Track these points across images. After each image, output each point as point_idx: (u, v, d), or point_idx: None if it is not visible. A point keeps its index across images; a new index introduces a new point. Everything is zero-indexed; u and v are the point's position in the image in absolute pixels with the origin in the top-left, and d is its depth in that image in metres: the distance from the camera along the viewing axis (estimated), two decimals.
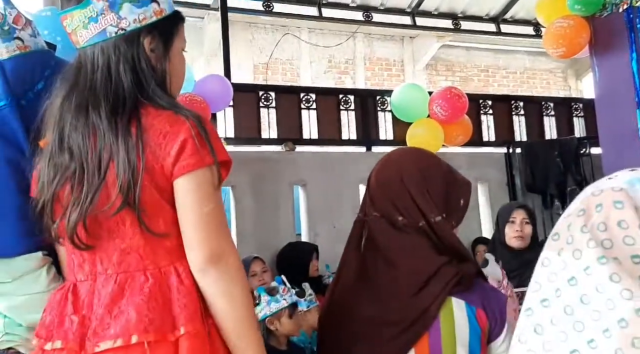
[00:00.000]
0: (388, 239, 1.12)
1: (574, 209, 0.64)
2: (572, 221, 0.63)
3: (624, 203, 0.60)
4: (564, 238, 0.63)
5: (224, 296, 0.94)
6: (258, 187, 3.68)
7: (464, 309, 1.04)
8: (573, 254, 0.61)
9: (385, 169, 1.20)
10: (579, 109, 4.96)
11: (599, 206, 0.61)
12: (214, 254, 0.94)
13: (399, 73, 7.45)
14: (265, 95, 3.98)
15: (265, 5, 5.13)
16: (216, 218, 0.96)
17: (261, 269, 3.05)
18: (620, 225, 0.59)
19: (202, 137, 0.95)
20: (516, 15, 6.20)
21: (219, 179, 0.97)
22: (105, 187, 0.95)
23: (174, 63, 1.07)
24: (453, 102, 4.05)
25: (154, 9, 1.01)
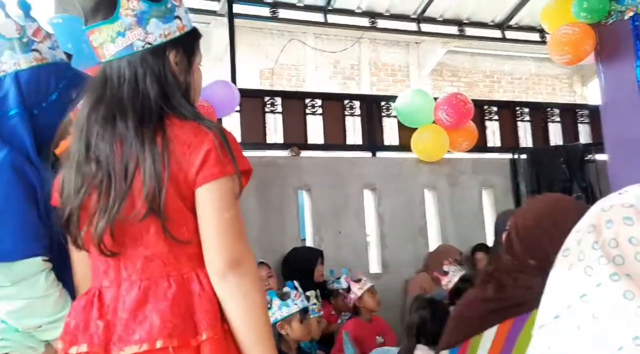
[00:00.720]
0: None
1: (585, 225, 0.64)
2: (583, 237, 0.63)
3: (633, 219, 0.60)
4: (574, 254, 0.63)
5: (244, 300, 0.97)
6: (263, 192, 3.69)
7: None
8: (585, 270, 0.60)
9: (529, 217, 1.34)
10: (584, 116, 4.96)
11: (609, 222, 0.61)
12: (234, 260, 0.97)
13: (404, 78, 7.46)
14: (271, 100, 4.00)
15: (271, 11, 5.16)
16: (236, 225, 0.99)
17: (266, 274, 3.06)
18: (631, 241, 0.59)
19: (225, 148, 0.98)
20: (521, 22, 6.21)
21: (240, 188, 1.01)
22: (131, 195, 0.98)
23: (195, 76, 1.12)
24: (458, 108, 4.06)
25: (178, 24, 1.06)
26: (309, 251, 3.54)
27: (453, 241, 3.97)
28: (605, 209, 0.63)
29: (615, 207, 0.62)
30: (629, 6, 2.82)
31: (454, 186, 4.29)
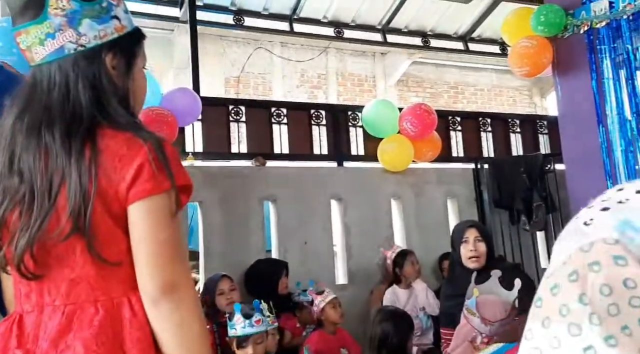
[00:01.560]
0: None
1: (562, 272, 0.55)
2: (561, 286, 0.54)
3: (626, 258, 0.52)
4: (551, 306, 0.54)
5: (179, 329, 0.89)
6: (227, 203, 3.62)
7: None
8: (569, 329, 0.52)
9: None
10: (543, 126, 5.08)
11: (595, 265, 0.53)
12: (168, 284, 0.89)
13: (370, 89, 7.53)
14: (235, 109, 3.94)
15: (235, 19, 5.12)
16: (172, 246, 0.91)
17: (229, 287, 2.99)
18: (626, 284, 0.52)
19: (160, 161, 0.91)
20: (483, 34, 6.37)
21: (177, 205, 0.93)
22: (55, 212, 0.90)
23: (136, 81, 1.04)
24: (422, 118, 4.11)
25: (115, 25, 0.98)
26: (274, 263, 3.48)
27: (419, 250, 3.98)
28: (585, 249, 0.54)
29: (598, 245, 0.54)
30: (584, 20, 2.90)
31: (419, 196, 4.32)
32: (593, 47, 2.91)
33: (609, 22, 2.79)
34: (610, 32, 2.80)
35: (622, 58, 2.75)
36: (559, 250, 0.58)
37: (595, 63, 2.90)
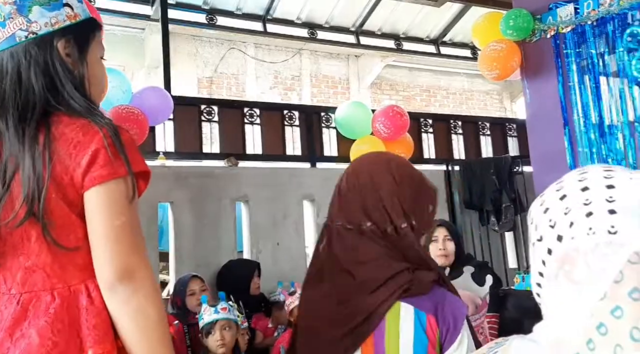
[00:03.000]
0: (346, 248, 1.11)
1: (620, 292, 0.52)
2: (624, 308, 0.52)
3: None
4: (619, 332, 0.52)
5: (136, 315, 0.88)
6: (199, 203, 3.58)
7: (411, 314, 1.04)
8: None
9: (356, 173, 1.19)
10: (512, 129, 5.20)
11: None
12: (125, 271, 0.89)
13: (344, 91, 7.56)
14: (208, 109, 3.91)
15: (208, 18, 5.08)
16: (129, 232, 0.91)
17: (200, 288, 2.95)
18: None
19: (116, 147, 0.91)
20: (455, 38, 6.47)
21: (134, 191, 0.92)
22: (9, 199, 0.90)
23: (93, 70, 1.03)
24: (395, 120, 4.14)
25: (67, 13, 0.98)
26: (245, 263, 3.45)
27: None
28: (633, 260, 0.52)
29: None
30: (550, 25, 2.98)
31: None
32: (560, 51, 2.98)
33: (574, 27, 2.86)
34: (576, 37, 2.87)
35: (587, 63, 2.83)
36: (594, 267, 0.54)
37: (561, 67, 2.97)
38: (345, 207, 1.15)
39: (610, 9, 2.65)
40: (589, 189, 0.58)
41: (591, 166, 0.63)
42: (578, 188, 0.59)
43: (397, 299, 1.04)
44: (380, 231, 1.10)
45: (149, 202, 3.30)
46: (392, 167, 1.18)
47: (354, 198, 1.14)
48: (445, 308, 1.06)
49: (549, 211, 0.62)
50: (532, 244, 0.64)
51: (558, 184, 0.63)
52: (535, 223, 0.64)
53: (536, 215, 0.64)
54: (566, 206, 0.59)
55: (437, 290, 1.10)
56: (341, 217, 1.15)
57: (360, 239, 1.10)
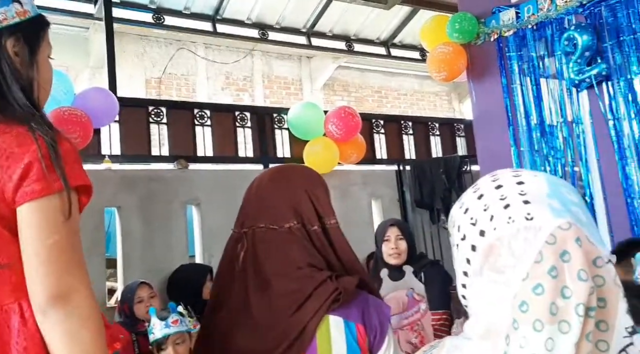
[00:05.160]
0: (269, 252, 1.05)
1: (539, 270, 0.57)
2: (544, 285, 0.57)
3: (581, 239, 0.58)
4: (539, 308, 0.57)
5: (68, 340, 0.83)
6: (147, 207, 3.48)
7: (341, 326, 1.02)
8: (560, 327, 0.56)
9: (277, 176, 1.16)
10: (460, 130, 5.34)
11: (565, 255, 0.57)
12: (57, 294, 0.83)
13: (297, 92, 7.55)
14: (156, 110, 3.80)
15: (155, 17, 4.94)
16: (63, 252, 0.85)
17: (148, 295, 2.86)
18: (596, 263, 0.58)
19: (51, 160, 0.85)
20: (404, 41, 6.60)
21: (70, 207, 0.87)
22: None
23: (42, 71, 0.98)
24: (347, 121, 4.17)
25: (17, 9, 0.93)
26: (197, 268, 3.38)
27: None
28: (550, 241, 0.58)
29: (559, 234, 0.58)
30: (493, 29, 3.08)
31: (345, 197, 4.38)
32: (503, 54, 3.08)
33: (515, 31, 2.97)
34: (517, 40, 2.98)
35: (528, 65, 2.94)
36: (516, 251, 0.59)
37: (505, 69, 3.08)
38: (268, 208, 1.10)
39: (548, 14, 2.77)
40: (502, 186, 0.63)
41: (500, 170, 0.69)
42: (493, 187, 0.64)
43: (325, 313, 1.01)
44: (305, 230, 1.07)
45: (95, 207, 3.17)
46: (308, 171, 1.19)
47: (279, 197, 1.10)
48: (371, 314, 1.05)
49: (469, 211, 0.66)
50: (455, 246, 0.67)
51: (474, 188, 0.68)
52: (457, 225, 0.67)
53: (457, 217, 0.68)
54: (484, 203, 0.64)
55: (361, 295, 1.07)
56: (264, 219, 1.09)
57: (285, 241, 1.06)
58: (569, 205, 0.61)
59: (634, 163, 2.47)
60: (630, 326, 0.58)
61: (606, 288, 0.57)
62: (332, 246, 1.09)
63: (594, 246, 0.58)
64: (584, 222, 0.60)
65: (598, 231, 0.62)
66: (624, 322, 0.58)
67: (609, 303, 0.57)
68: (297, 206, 1.09)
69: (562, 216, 0.59)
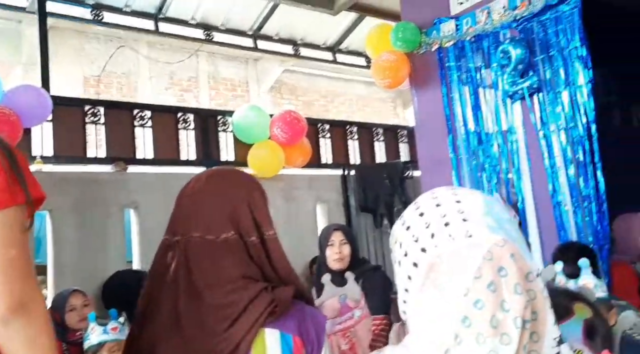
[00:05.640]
0: (203, 264, 1.01)
1: (479, 285, 0.60)
2: (484, 300, 0.59)
3: (514, 255, 0.61)
4: (481, 322, 0.59)
5: (30, 346, 0.83)
6: (82, 211, 3.33)
7: (278, 339, 0.99)
8: (501, 339, 0.58)
9: (214, 182, 1.10)
10: (404, 136, 5.47)
11: (502, 270, 0.60)
12: (19, 304, 0.82)
13: (243, 94, 7.47)
14: (93, 110, 3.65)
15: (94, 13, 4.75)
16: (22, 263, 0.84)
17: (81, 303, 2.73)
18: (528, 278, 0.61)
19: (14, 171, 0.83)
20: (350, 47, 6.68)
21: (31, 220, 0.86)
22: None
23: None
24: (292, 125, 4.17)
25: None
26: (134, 273, 3.27)
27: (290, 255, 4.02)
28: (488, 257, 0.60)
29: (495, 251, 0.61)
30: (435, 39, 3.17)
31: (290, 201, 4.37)
32: (443, 64, 3.18)
33: (455, 42, 3.07)
34: (457, 51, 3.08)
35: (467, 76, 3.05)
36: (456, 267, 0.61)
37: (445, 79, 3.17)
38: (204, 216, 1.05)
39: (485, 27, 2.88)
40: (441, 205, 0.66)
41: (439, 188, 0.72)
42: (433, 205, 0.67)
43: (261, 326, 0.97)
44: (243, 241, 1.03)
45: None
46: (247, 175, 1.15)
47: (216, 205, 1.05)
48: (308, 325, 1.03)
49: (411, 228, 0.68)
50: (397, 263, 0.68)
51: (415, 205, 0.71)
52: (400, 242, 0.69)
53: (400, 234, 0.70)
54: (425, 221, 0.66)
55: (297, 305, 1.05)
56: (199, 227, 1.04)
57: (221, 252, 1.02)
58: (503, 223, 0.64)
59: (562, 171, 2.61)
60: (557, 336, 0.62)
61: (537, 301, 0.60)
62: (269, 258, 1.05)
63: (526, 261, 0.61)
64: (516, 239, 0.63)
65: (527, 247, 0.66)
66: (552, 333, 0.61)
67: (540, 315, 0.60)
68: (235, 215, 1.04)
69: (497, 233, 0.61)
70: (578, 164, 2.54)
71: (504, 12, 2.79)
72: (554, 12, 2.60)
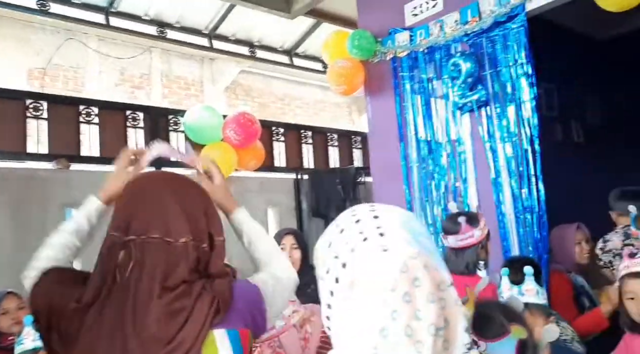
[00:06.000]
0: (159, 267, 0.98)
1: (395, 297, 0.62)
2: (399, 310, 0.62)
3: (428, 266, 0.64)
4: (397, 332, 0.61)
5: None
6: (20, 209, 3.16)
7: (226, 338, 0.99)
8: (416, 347, 0.61)
9: (175, 185, 1.10)
10: (357, 142, 5.53)
11: (416, 281, 0.63)
12: None
13: (198, 93, 7.34)
14: (35, 104, 3.48)
15: (39, 4, 4.54)
16: None
17: (16, 306, 2.60)
18: (440, 287, 0.64)
19: None
20: (307, 51, 6.69)
21: None
22: None
23: None
24: (246, 127, 4.11)
25: None
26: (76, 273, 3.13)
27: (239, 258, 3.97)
28: (404, 270, 0.63)
29: (410, 263, 0.63)
30: (389, 49, 3.22)
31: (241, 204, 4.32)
32: (397, 73, 3.23)
33: (409, 52, 3.13)
34: (410, 61, 3.15)
35: (419, 86, 3.12)
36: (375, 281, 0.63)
37: (398, 88, 3.23)
38: (163, 217, 1.02)
39: (437, 39, 2.95)
40: (360, 221, 0.69)
41: (358, 205, 0.75)
42: (352, 221, 0.69)
43: (209, 329, 0.97)
44: (196, 246, 1.03)
45: None
46: (191, 183, 1.15)
47: (176, 208, 1.04)
48: (245, 310, 1.04)
49: (332, 245, 0.70)
50: (321, 280, 0.69)
51: (336, 222, 0.73)
52: (322, 259, 0.71)
53: (322, 251, 0.72)
54: (345, 237, 0.69)
55: (233, 292, 1.04)
56: (157, 228, 1.01)
57: (177, 257, 1.00)
58: (418, 236, 0.67)
59: (506, 182, 2.70)
60: (468, 342, 0.64)
61: (448, 310, 0.63)
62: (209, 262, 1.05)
63: (438, 271, 0.64)
64: (430, 251, 0.66)
65: (441, 259, 0.69)
66: (463, 339, 0.64)
67: (451, 323, 0.63)
68: (193, 221, 1.04)
69: (412, 245, 0.65)
70: (521, 176, 2.64)
71: (455, 26, 2.87)
72: (502, 29, 2.69)
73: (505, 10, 2.65)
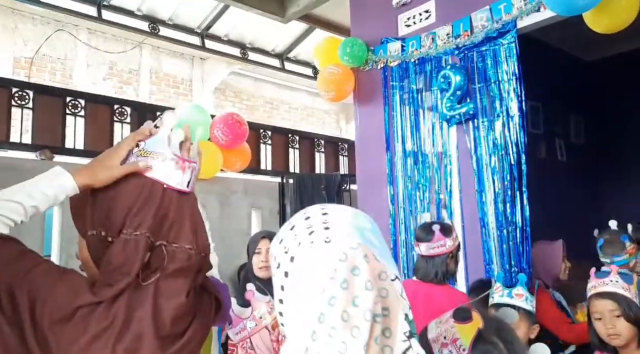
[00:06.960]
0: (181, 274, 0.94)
1: (333, 284, 0.65)
2: (337, 296, 0.64)
3: (368, 256, 0.66)
4: (333, 317, 0.64)
5: None
6: None
7: (215, 335, 1.01)
8: (352, 332, 0.63)
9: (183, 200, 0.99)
10: (344, 149, 5.54)
11: (355, 270, 0.65)
12: None
13: (186, 92, 7.30)
14: (21, 93, 3.43)
15: None
16: None
17: None
18: (380, 277, 0.66)
19: None
20: (298, 56, 6.71)
21: None
22: None
23: None
24: (234, 128, 4.09)
25: None
26: None
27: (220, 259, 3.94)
28: (342, 259, 0.66)
29: (350, 253, 0.66)
30: (381, 58, 3.24)
31: (224, 205, 4.30)
32: (387, 83, 3.25)
33: (400, 62, 3.16)
34: (401, 71, 3.17)
35: (408, 96, 3.14)
36: (317, 271, 0.66)
37: (388, 97, 3.25)
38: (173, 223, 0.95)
39: (429, 51, 2.98)
40: (310, 217, 0.72)
41: (311, 206, 0.78)
42: (302, 218, 0.73)
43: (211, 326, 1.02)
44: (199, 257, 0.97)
45: None
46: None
47: (184, 216, 0.96)
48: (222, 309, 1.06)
49: (283, 241, 0.73)
50: (273, 276, 0.73)
51: (289, 222, 0.76)
52: (275, 255, 0.74)
53: (274, 248, 0.75)
54: (295, 233, 0.72)
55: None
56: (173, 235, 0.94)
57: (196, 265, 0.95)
58: (363, 231, 0.70)
59: (491, 195, 2.73)
60: (407, 331, 0.67)
61: (390, 299, 0.66)
62: None
63: (380, 263, 0.67)
64: (375, 245, 0.69)
65: (389, 254, 0.72)
66: (402, 328, 0.67)
67: (392, 313, 0.66)
68: (197, 230, 0.98)
69: (353, 237, 0.68)
70: (506, 190, 2.67)
71: (447, 39, 2.90)
72: (492, 44, 2.73)
73: (496, 26, 2.69)
